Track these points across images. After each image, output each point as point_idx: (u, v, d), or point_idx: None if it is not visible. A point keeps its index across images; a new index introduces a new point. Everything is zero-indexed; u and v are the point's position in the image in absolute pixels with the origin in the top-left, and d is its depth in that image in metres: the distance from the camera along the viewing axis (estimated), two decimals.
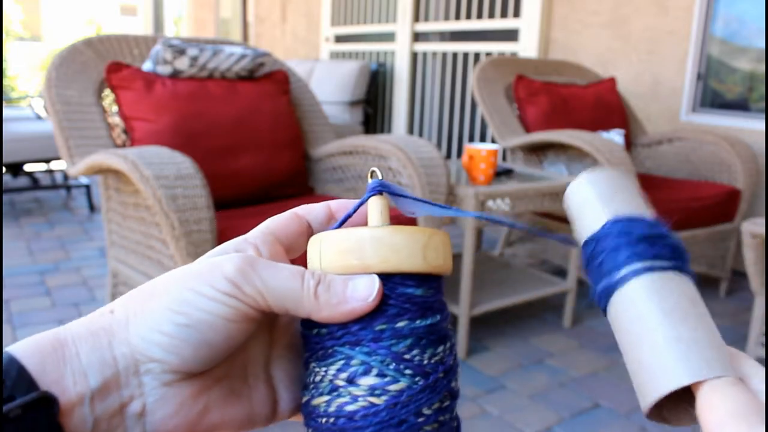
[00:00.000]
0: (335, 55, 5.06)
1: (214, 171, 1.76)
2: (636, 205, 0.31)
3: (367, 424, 0.26)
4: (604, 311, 0.30)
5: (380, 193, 0.29)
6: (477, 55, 3.92)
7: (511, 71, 2.78)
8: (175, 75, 1.89)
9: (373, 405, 0.27)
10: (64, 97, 1.75)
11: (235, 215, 1.73)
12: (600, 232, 0.30)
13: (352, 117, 4.30)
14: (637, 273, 0.28)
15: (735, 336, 2.18)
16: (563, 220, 2.36)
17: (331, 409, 0.27)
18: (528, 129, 2.66)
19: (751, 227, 1.74)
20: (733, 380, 0.25)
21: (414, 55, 4.37)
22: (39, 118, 3.93)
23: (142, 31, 8.35)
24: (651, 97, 3.14)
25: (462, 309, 1.88)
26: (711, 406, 0.24)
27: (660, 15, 3.06)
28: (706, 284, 2.68)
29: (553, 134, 2.36)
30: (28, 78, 10.37)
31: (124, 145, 1.82)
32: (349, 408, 0.27)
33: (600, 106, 2.80)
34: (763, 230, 1.71)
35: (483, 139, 3.95)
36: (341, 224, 0.31)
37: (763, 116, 2.75)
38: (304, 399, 0.29)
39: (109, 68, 1.82)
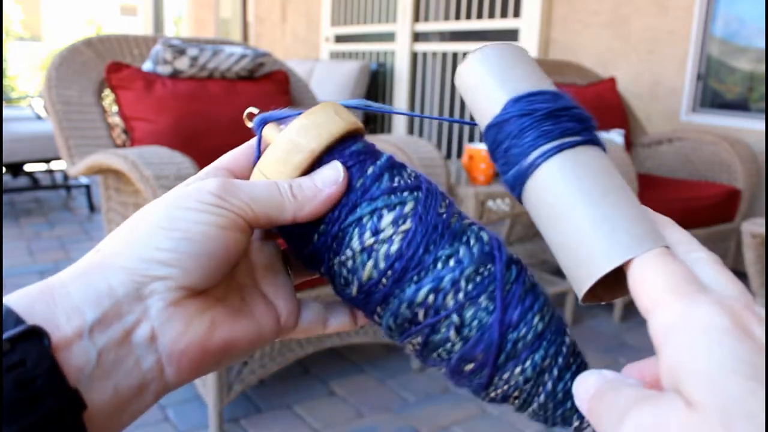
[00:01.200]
0: (335, 55, 5.06)
1: None
2: (535, 79, 0.29)
3: (415, 247, 0.29)
4: (519, 199, 0.28)
5: (265, 124, 0.32)
6: None
7: None
8: (175, 75, 1.89)
9: (405, 232, 0.29)
10: (64, 97, 1.75)
11: None
12: (501, 115, 0.28)
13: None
14: (547, 155, 0.27)
15: None
16: None
17: (382, 265, 0.29)
18: None
19: (751, 227, 1.74)
20: (661, 251, 0.24)
21: (414, 55, 4.37)
22: (39, 118, 3.93)
23: (142, 31, 8.35)
24: (651, 97, 3.14)
25: None
26: (643, 283, 0.24)
27: (660, 15, 3.07)
28: None
29: None
30: (28, 78, 10.37)
31: (124, 145, 1.82)
32: (393, 249, 0.29)
33: (600, 106, 2.80)
34: (763, 230, 1.71)
35: (483, 139, 3.95)
36: (258, 157, 0.33)
37: (763, 116, 2.75)
38: (354, 291, 0.30)
39: (109, 68, 1.82)
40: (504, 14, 3.74)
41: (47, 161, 3.62)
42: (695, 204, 2.35)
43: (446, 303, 0.28)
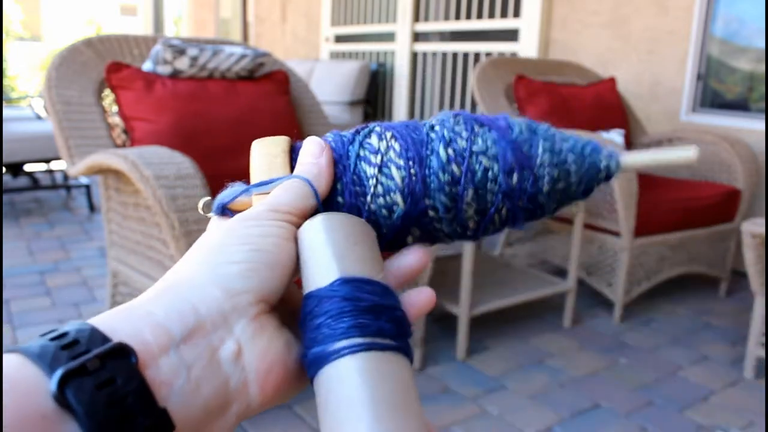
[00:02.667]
0: (335, 55, 5.06)
1: (214, 171, 1.76)
2: (371, 265, 0.30)
3: (409, 137, 0.34)
4: (311, 379, 0.28)
5: (223, 206, 0.34)
6: (477, 55, 3.92)
7: (511, 71, 2.78)
8: (175, 75, 1.89)
9: (393, 137, 0.34)
10: (64, 97, 1.75)
11: None
12: (326, 290, 0.28)
13: (352, 117, 4.30)
14: (354, 349, 0.26)
15: (735, 336, 2.18)
16: (563, 220, 2.36)
17: (401, 163, 0.33)
18: None
19: (751, 227, 1.74)
20: None
21: (414, 55, 4.37)
22: (39, 118, 3.93)
23: (142, 31, 8.35)
24: (651, 97, 3.14)
25: (462, 309, 1.88)
26: None
27: (660, 15, 3.06)
28: (706, 284, 2.68)
29: None
30: (28, 78, 10.37)
31: (124, 145, 1.82)
32: (398, 148, 0.33)
33: (600, 106, 2.80)
34: (763, 230, 1.71)
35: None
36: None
37: (763, 116, 2.75)
38: (401, 203, 0.33)
39: (109, 68, 1.82)
40: (504, 14, 3.74)
41: (47, 161, 3.62)
42: (695, 204, 2.35)
43: (461, 146, 0.33)
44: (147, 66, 1.89)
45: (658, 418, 1.65)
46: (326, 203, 0.33)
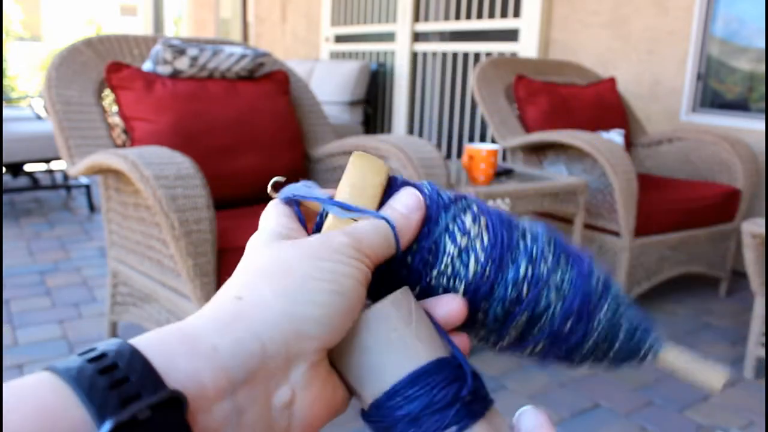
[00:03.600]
0: (335, 55, 5.06)
1: (214, 171, 1.76)
2: (437, 340, 0.29)
3: (500, 234, 0.32)
4: None
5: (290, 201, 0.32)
6: (477, 55, 3.92)
7: (511, 71, 2.78)
8: (175, 75, 1.89)
9: (486, 225, 0.32)
10: (64, 97, 1.75)
11: (235, 215, 1.73)
12: (419, 375, 0.27)
13: (352, 117, 4.30)
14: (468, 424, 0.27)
15: (735, 336, 2.18)
16: (564, 220, 2.36)
17: (482, 257, 0.32)
18: (528, 129, 2.66)
19: (751, 227, 1.74)
20: None
21: (414, 55, 4.37)
22: (39, 118, 3.93)
23: (142, 31, 8.35)
24: (651, 97, 3.14)
25: None
26: None
27: (660, 15, 3.06)
28: (706, 284, 2.68)
29: (553, 134, 2.36)
30: (28, 78, 10.37)
31: (124, 145, 1.82)
32: (486, 240, 0.32)
33: (600, 106, 2.80)
34: (763, 230, 1.71)
35: (483, 139, 3.95)
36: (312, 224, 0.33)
37: (763, 116, 2.75)
38: (461, 294, 0.32)
39: (109, 68, 1.82)
40: (504, 14, 3.74)
41: (47, 161, 3.62)
42: (695, 204, 2.35)
43: (542, 272, 0.32)
44: (147, 66, 1.89)
45: (658, 418, 1.65)
46: (393, 259, 0.31)
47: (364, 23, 4.74)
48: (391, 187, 0.33)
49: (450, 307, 0.30)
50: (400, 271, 0.32)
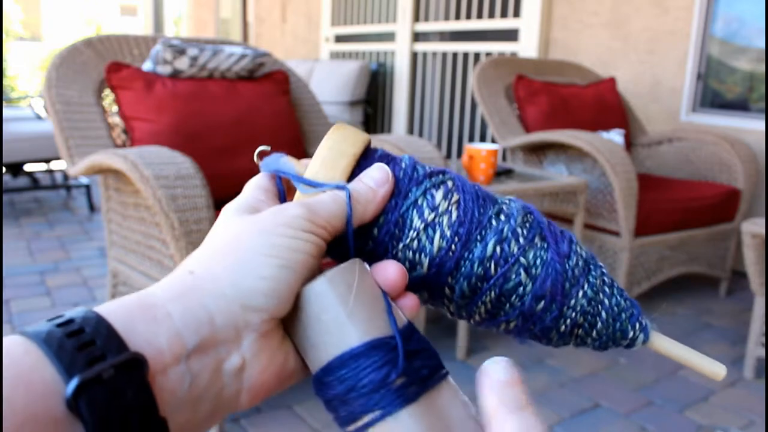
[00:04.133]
0: (335, 55, 5.06)
1: (214, 171, 1.76)
2: (383, 316, 0.29)
3: (470, 212, 0.32)
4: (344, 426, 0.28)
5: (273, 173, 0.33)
6: (477, 55, 3.92)
7: (511, 71, 2.78)
8: (175, 75, 1.89)
9: (457, 202, 0.32)
10: (64, 97, 1.75)
11: None
12: (358, 352, 0.28)
13: (352, 117, 4.30)
14: (408, 400, 0.27)
15: (735, 336, 2.18)
16: (563, 219, 2.36)
17: (448, 233, 0.32)
18: (528, 129, 2.66)
19: (751, 227, 1.74)
20: None
21: (414, 55, 4.37)
22: (39, 118, 3.93)
23: (142, 31, 8.35)
24: (651, 97, 3.14)
25: None
26: None
27: (660, 15, 3.06)
28: (706, 284, 2.68)
29: (553, 134, 2.36)
30: (28, 78, 10.37)
31: (124, 145, 1.82)
32: (454, 217, 0.32)
33: (600, 106, 2.80)
34: (763, 230, 1.71)
35: (483, 139, 3.95)
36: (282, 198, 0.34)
37: (763, 116, 2.75)
38: (425, 268, 0.32)
39: (109, 68, 1.82)
40: (504, 14, 3.74)
41: (47, 161, 3.62)
42: (695, 204, 2.35)
43: (512, 250, 0.32)
44: (147, 66, 1.89)
45: (658, 418, 1.65)
46: (360, 230, 0.32)
47: (364, 23, 4.74)
48: (368, 158, 0.33)
49: (386, 274, 0.30)
50: (367, 242, 0.32)
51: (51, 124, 2.30)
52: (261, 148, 0.34)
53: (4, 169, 3.50)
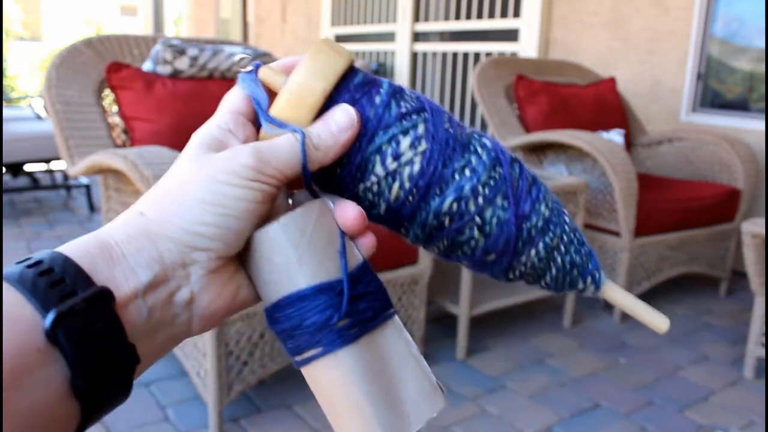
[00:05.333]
0: None
1: None
2: (335, 259, 0.30)
3: (435, 164, 0.32)
4: (298, 366, 0.31)
5: (257, 70, 0.33)
6: (477, 55, 3.92)
7: (511, 71, 2.78)
8: (175, 75, 1.89)
9: (423, 152, 0.32)
10: (64, 97, 1.75)
11: None
12: (306, 294, 0.30)
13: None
14: (351, 338, 0.30)
15: (735, 336, 2.18)
16: None
17: (407, 185, 0.32)
18: (528, 129, 2.66)
19: (751, 227, 1.74)
20: None
21: (414, 55, 4.37)
22: (39, 118, 3.93)
23: (142, 31, 8.35)
24: (651, 97, 3.14)
25: (462, 309, 1.88)
26: None
27: (660, 15, 3.06)
28: (706, 284, 2.68)
29: (553, 134, 2.36)
30: (28, 78, 10.37)
31: (124, 145, 1.82)
32: (416, 169, 0.32)
33: (600, 106, 2.79)
34: (763, 230, 1.71)
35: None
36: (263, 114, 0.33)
37: (763, 116, 2.75)
38: (383, 211, 0.33)
39: (109, 68, 1.82)
40: (504, 14, 3.74)
41: (47, 161, 3.62)
42: (695, 204, 2.35)
43: (468, 208, 0.32)
44: (147, 66, 1.89)
45: (658, 418, 1.65)
46: (323, 168, 0.32)
47: (364, 23, 4.74)
48: (344, 87, 0.32)
49: (346, 215, 0.31)
50: (327, 178, 0.33)
51: (51, 124, 2.30)
52: (242, 55, 0.34)
53: (4, 169, 3.50)
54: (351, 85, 0.32)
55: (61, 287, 0.25)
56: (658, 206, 2.26)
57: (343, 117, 0.31)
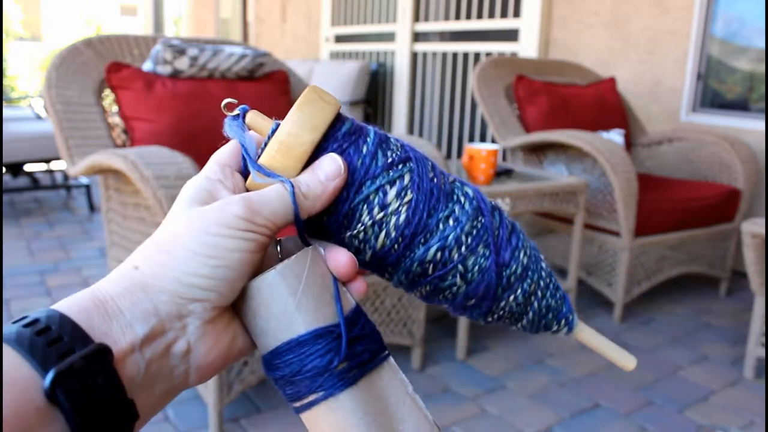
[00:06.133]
0: (335, 55, 5.06)
1: None
2: (329, 305, 0.31)
3: (420, 214, 0.33)
4: (294, 405, 0.31)
5: (244, 114, 0.33)
6: (477, 55, 3.92)
7: (511, 71, 2.78)
8: (175, 75, 1.89)
9: (409, 202, 0.33)
10: (64, 97, 1.75)
11: None
12: (304, 340, 0.30)
13: (352, 117, 4.29)
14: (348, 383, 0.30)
15: (735, 336, 2.18)
16: (563, 220, 2.36)
17: (393, 234, 0.33)
18: (528, 129, 2.66)
19: (751, 227, 1.74)
20: None
21: (414, 55, 4.37)
22: (39, 118, 3.93)
23: (142, 31, 8.35)
24: (651, 97, 3.14)
25: None
26: None
27: (660, 15, 3.06)
28: (706, 284, 2.68)
29: (553, 134, 2.36)
30: (28, 78, 10.36)
31: (124, 145, 1.82)
32: (402, 219, 0.32)
33: (600, 106, 2.79)
34: (763, 230, 1.71)
35: (483, 139, 3.95)
36: (249, 160, 0.33)
37: (763, 116, 2.75)
38: (368, 258, 0.33)
39: (109, 68, 1.82)
40: (504, 14, 3.74)
41: (47, 161, 3.62)
42: (695, 204, 2.35)
43: (452, 257, 0.33)
44: (147, 66, 1.89)
45: (658, 418, 1.65)
46: (311, 216, 0.32)
47: (364, 23, 4.74)
48: (332, 136, 0.33)
49: (337, 261, 0.32)
50: (314, 226, 0.33)
51: (51, 124, 2.30)
52: (227, 100, 0.34)
53: (4, 169, 3.50)
54: (338, 134, 0.33)
55: (59, 345, 0.25)
56: (658, 206, 2.26)
57: (331, 166, 0.32)
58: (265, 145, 0.32)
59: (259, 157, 0.32)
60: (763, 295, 1.82)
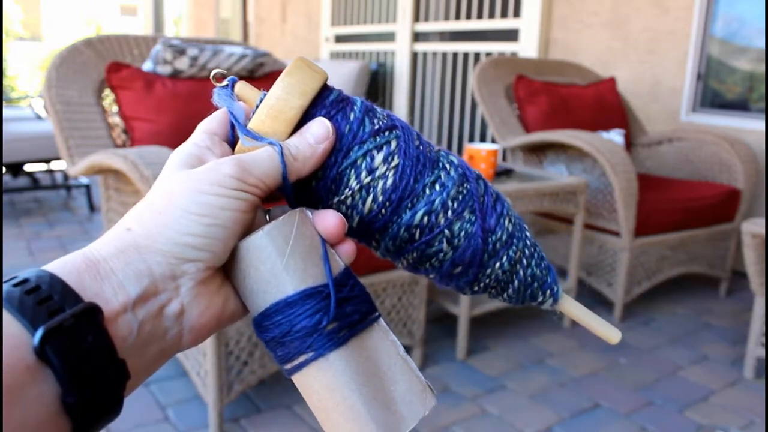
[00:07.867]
0: (335, 55, 5.06)
1: None
2: (317, 267, 0.31)
3: (407, 178, 0.33)
4: (285, 366, 0.31)
5: (233, 84, 0.34)
6: (477, 55, 3.92)
7: (511, 71, 2.78)
8: (175, 75, 1.89)
9: (396, 167, 0.33)
10: (64, 97, 1.75)
11: None
12: (293, 300, 0.30)
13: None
14: (339, 341, 0.30)
15: (735, 336, 2.18)
16: (563, 219, 2.36)
17: (380, 198, 0.33)
18: (528, 129, 2.66)
19: (751, 227, 1.74)
20: None
21: (414, 55, 4.37)
22: (39, 118, 3.93)
23: (142, 31, 8.35)
24: (651, 97, 3.14)
25: (462, 309, 1.88)
26: None
27: (660, 15, 3.06)
28: (706, 284, 2.68)
29: (553, 134, 2.36)
30: (28, 78, 10.36)
31: (124, 145, 1.82)
32: (389, 183, 0.33)
33: (600, 106, 2.79)
34: (763, 230, 1.71)
35: (483, 139, 3.95)
36: (237, 126, 0.34)
37: (763, 116, 2.75)
38: (355, 224, 0.34)
39: (109, 68, 1.82)
40: (504, 14, 3.74)
41: (47, 161, 3.62)
42: (695, 204, 2.35)
43: (438, 221, 0.34)
44: (147, 66, 1.89)
45: (658, 418, 1.65)
46: (299, 180, 0.33)
47: (364, 23, 4.74)
48: (320, 103, 0.33)
49: (326, 223, 0.32)
50: (303, 192, 0.34)
51: (51, 124, 2.30)
52: (216, 71, 0.34)
53: (4, 169, 3.50)
54: (326, 101, 0.33)
55: (49, 304, 0.25)
56: (658, 206, 2.26)
57: (320, 129, 0.32)
58: (254, 113, 0.33)
59: (247, 124, 0.33)
60: (763, 295, 1.82)
